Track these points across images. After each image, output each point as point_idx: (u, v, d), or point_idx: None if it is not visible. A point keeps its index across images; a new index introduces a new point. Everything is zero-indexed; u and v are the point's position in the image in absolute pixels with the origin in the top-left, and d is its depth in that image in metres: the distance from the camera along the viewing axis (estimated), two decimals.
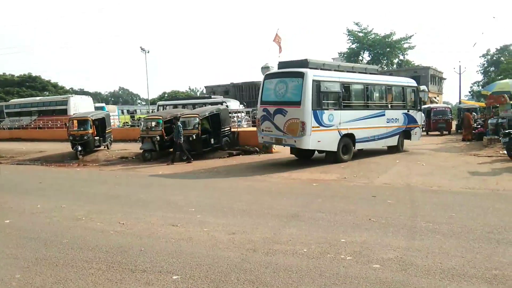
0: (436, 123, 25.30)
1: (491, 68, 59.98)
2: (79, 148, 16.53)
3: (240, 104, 32.67)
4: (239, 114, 24.04)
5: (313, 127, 11.51)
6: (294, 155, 13.97)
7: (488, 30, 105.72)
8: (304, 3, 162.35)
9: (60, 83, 67.31)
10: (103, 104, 40.11)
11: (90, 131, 16.89)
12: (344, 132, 12.41)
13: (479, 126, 19.66)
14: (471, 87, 68.54)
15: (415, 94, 15.29)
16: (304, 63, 12.28)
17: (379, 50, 58.54)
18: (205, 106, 22.03)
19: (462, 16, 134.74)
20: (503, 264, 4.10)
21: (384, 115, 13.87)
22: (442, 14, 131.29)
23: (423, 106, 20.22)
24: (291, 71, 12.20)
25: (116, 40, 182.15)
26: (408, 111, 14.85)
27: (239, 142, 17.05)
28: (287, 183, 9.72)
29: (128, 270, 4.26)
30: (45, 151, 18.97)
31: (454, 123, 27.61)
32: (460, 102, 38.07)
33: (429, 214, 6.18)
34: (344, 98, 12.54)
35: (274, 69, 15.83)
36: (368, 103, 13.47)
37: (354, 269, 4.07)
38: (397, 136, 14.59)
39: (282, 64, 13.24)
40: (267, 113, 12.42)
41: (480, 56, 62.55)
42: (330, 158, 12.60)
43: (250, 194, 8.59)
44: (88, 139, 16.78)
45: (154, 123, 15.78)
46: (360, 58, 59.18)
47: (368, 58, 59.48)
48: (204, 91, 69.57)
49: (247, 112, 25.01)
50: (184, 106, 26.93)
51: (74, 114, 22.96)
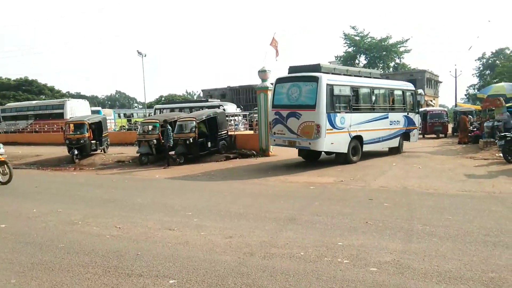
0: (433, 126, 25.36)
1: (487, 72, 60.41)
2: (76, 152, 16.48)
3: (237, 107, 32.77)
4: (236, 118, 24.11)
5: (327, 130, 11.80)
6: (301, 157, 14.16)
7: (483, 34, 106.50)
8: (300, 7, 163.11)
9: (57, 86, 67.38)
10: (99, 108, 40.01)
11: (87, 135, 16.86)
12: (353, 134, 12.76)
13: (475, 129, 19.75)
14: (467, 90, 69.07)
15: (413, 97, 15.76)
16: (317, 68, 12.63)
17: (375, 53, 58.82)
18: (202, 109, 22.08)
19: (457, 20, 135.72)
20: (499, 266, 4.11)
21: (387, 117, 14.23)
22: (438, 18, 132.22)
23: (420, 109, 20.57)
24: (305, 75, 12.43)
25: (112, 43, 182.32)
26: (407, 114, 15.28)
27: (236, 145, 17.06)
28: (284, 186, 9.72)
29: (125, 274, 4.24)
30: (41, 155, 18.89)
31: (450, 126, 27.70)
32: (456, 105, 38.18)
33: (425, 217, 6.19)
34: (353, 102, 12.87)
35: (271, 72, 16.07)
36: (374, 106, 13.84)
37: (351, 272, 4.07)
38: (398, 138, 14.97)
39: (293, 69, 13.56)
40: (280, 116, 12.62)
41: (475, 60, 63.20)
42: (341, 159, 12.86)
43: (247, 197, 8.58)
44: (84, 143, 16.74)
45: (150, 127, 15.76)
46: (357, 61, 59.42)
47: (365, 62, 59.72)
48: (201, 95, 69.69)
49: (244, 116, 25.07)
50: (181, 109, 26.97)
51: (70, 118, 22.89)
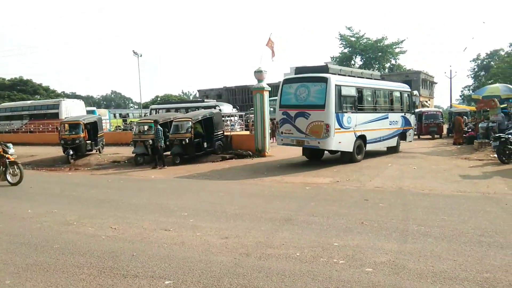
0: (428, 127, 25.49)
1: (482, 73, 60.83)
2: (71, 152, 16.40)
3: (233, 108, 32.77)
4: (232, 118, 24.11)
5: (335, 129, 12.04)
6: (300, 158, 14.40)
7: (478, 35, 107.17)
8: (296, 7, 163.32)
9: (52, 86, 66.95)
10: (94, 108, 39.82)
11: (82, 135, 16.80)
12: (358, 133, 13.07)
13: (470, 130, 19.89)
14: (462, 91, 69.54)
15: (409, 98, 16.25)
16: (324, 69, 13.03)
17: (371, 54, 59.04)
18: (198, 110, 22.05)
19: (452, 21, 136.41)
20: (494, 267, 4.13)
21: (388, 117, 14.62)
22: (432, 20, 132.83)
23: (415, 110, 21.05)
24: (314, 76, 12.69)
25: (108, 44, 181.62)
26: (404, 114, 15.75)
27: (232, 146, 17.06)
28: (280, 187, 9.72)
29: (120, 275, 4.22)
30: (36, 155, 18.77)
31: (445, 127, 27.85)
32: (451, 106, 38.40)
33: (420, 218, 6.22)
34: (358, 102, 13.17)
35: (267, 73, 16.19)
36: (376, 106, 14.19)
37: (347, 273, 4.08)
38: (396, 137, 15.42)
39: (300, 70, 13.95)
40: (287, 116, 12.81)
41: (470, 61, 63.55)
42: (346, 158, 13.18)
43: (243, 198, 8.58)
44: (79, 143, 16.67)
45: (146, 127, 15.71)
46: (352, 62, 59.58)
47: (360, 63, 59.92)
48: (197, 95, 69.59)
49: (240, 116, 25.07)
50: (177, 109, 26.93)
51: (65, 118, 22.83)
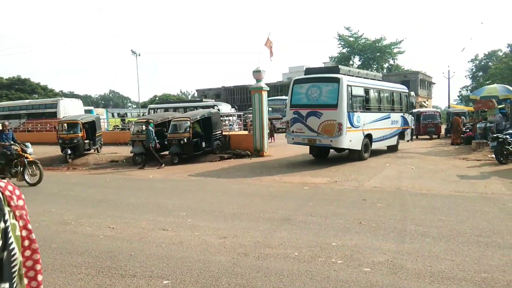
0: (426, 127, 25.55)
1: (480, 73, 60.92)
2: (69, 152, 16.34)
3: (232, 107, 32.79)
4: (230, 118, 24.12)
5: (347, 128, 12.29)
6: (312, 155, 14.57)
7: (476, 36, 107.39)
8: (295, 7, 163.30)
9: (50, 85, 66.83)
10: (91, 108, 39.66)
11: (80, 134, 16.74)
12: (366, 132, 13.47)
13: (468, 130, 19.92)
14: (460, 91, 69.59)
15: (407, 98, 16.73)
16: (335, 69, 13.37)
17: (369, 54, 59.05)
18: (196, 109, 22.02)
19: (450, 21, 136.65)
20: (492, 267, 4.14)
21: (390, 117, 15.08)
22: (432, 20, 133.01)
23: (413, 110, 21.42)
24: (326, 76, 13.02)
25: (106, 43, 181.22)
26: (403, 114, 16.25)
27: (230, 145, 17.04)
28: (278, 187, 9.72)
29: (118, 275, 4.21)
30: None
31: (444, 127, 27.89)
32: (449, 106, 38.47)
33: (418, 218, 6.23)
34: (365, 102, 13.56)
35: (265, 73, 16.27)
36: (380, 106, 14.60)
37: (345, 272, 4.08)
38: (396, 137, 15.90)
39: (309, 70, 14.49)
40: (299, 115, 13.04)
41: (468, 61, 63.62)
42: (355, 156, 13.46)
43: (241, 197, 8.57)
44: (78, 142, 16.61)
45: (144, 127, 15.66)
46: (351, 62, 59.58)
47: (359, 63, 59.92)
48: (196, 95, 69.55)
49: (239, 116, 25.06)
50: (175, 109, 26.93)
51: (63, 117, 22.74)
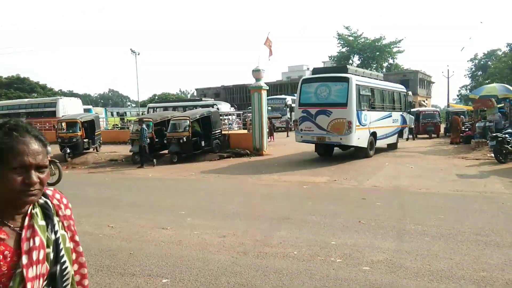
0: (425, 126, 25.55)
1: (479, 72, 60.85)
2: (68, 151, 16.32)
3: (231, 107, 32.79)
4: (230, 117, 24.12)
5: (356, 126, 12.53)
6: (317, 153, 14.73)
7: (475, 35, 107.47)
8: (295, 7, 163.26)
9: (49, 84, 66.75)
10: (90, 107, 39.56)
11: (79, 133, 16.71)
12: (372, 130, 13.78)
13: (467, 130, 19.93)
14: (459, 90, 69.54)
15: (405, 98, 17.12)
16: (344, 69, 13.63)
17: (368, 54, 58.96)
18: (195, 108, 22.01)
19: (450, 21, 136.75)
20: (490, 266, 4.15)
21: (391, 116, 15.41)
22: (431, 19, 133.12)
23: (412, 110, 22.02)
24: (335, 76, 13.27)
25: (106, 42, 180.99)
26: (403, 113, 16.63)
27: (230, 144, 17.03)
28: (277, 186, 9.72)
29: (117, 273, 4.21)
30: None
31: (443, 126, 27.91)
32: (448, 106, 38.45)
33: (417, 216, 6.23)
34: (371, 101, 13.83)
35: (265, 72, 16.33)
36: (383, 105, 14.91)
37: (344, 271, 4.09)
38: (396, 135, 16.26)
39: (317, 70, 14.90)
40: (308, 114, 13.23)
41: (468, 61, 63.51)
42: (361, 153, 13.70)
43: (240, 196, 8.57)
44: (77, 141, 16.58)
45: (138, 125, 15.64)
46: (350, 61, 59.54)
47: (358, 62, 59.87)
48: (195, 94, 69.52)
49: (238, 115, 25.07)
50: (174, 108, 26.93)
51: (63, 116, 22.73)
